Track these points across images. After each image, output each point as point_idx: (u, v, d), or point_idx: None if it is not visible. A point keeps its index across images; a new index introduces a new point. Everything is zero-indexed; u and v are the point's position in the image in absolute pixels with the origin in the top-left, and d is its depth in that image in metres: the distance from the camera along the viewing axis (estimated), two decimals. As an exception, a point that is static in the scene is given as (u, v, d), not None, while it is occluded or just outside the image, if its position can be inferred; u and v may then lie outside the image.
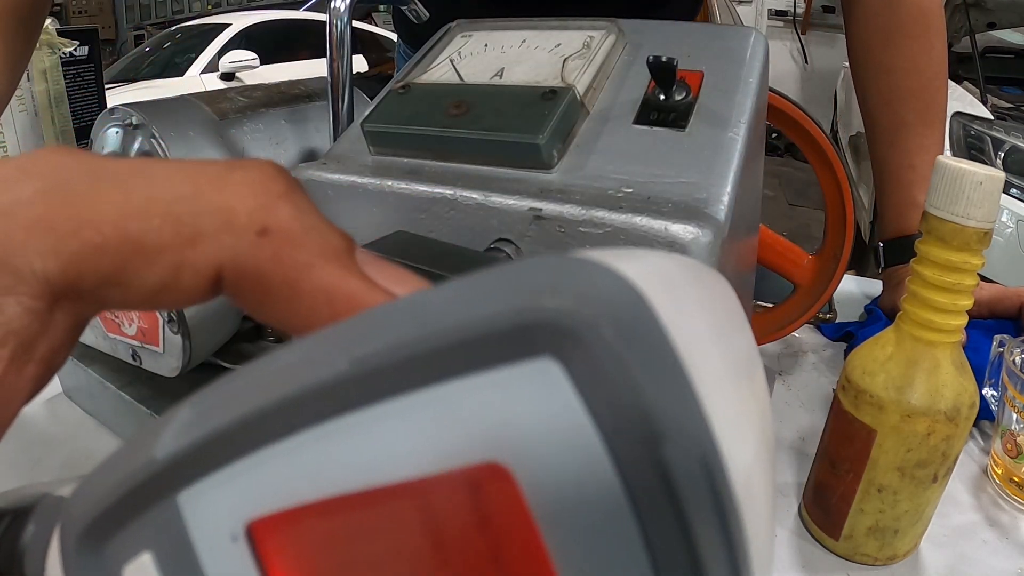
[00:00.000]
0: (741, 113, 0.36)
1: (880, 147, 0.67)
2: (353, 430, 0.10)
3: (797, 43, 4.59)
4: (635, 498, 0.09)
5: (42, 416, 0.52)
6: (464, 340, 0.10)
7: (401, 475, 0.10)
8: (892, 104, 0.66)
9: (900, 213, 0.65)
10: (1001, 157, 1.95)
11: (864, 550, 0.39)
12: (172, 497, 0.11)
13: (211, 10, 7.15)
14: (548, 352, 0.09)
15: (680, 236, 0.30)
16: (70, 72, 0.72)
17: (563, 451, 0.09)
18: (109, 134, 0.51)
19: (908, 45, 0.64)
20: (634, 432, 0.09)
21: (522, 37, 0.41)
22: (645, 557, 0.09)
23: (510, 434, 0.09)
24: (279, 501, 0.10)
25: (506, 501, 0.09)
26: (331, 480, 0.10)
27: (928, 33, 0.64)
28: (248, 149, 0.52)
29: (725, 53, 0.39)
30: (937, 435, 0.35)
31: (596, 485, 0.09)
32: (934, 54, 0.64)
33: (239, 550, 0.10)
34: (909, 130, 0.65)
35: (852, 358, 0.38)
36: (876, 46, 0.66)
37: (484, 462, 0.09)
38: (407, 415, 0.10)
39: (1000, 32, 2.80)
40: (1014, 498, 0.45)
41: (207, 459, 0.11)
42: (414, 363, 0.10)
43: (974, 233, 0.32)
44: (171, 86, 3.41)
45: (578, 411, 0.09)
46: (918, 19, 0.64)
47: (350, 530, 0.10)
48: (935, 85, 0.65)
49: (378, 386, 0.10)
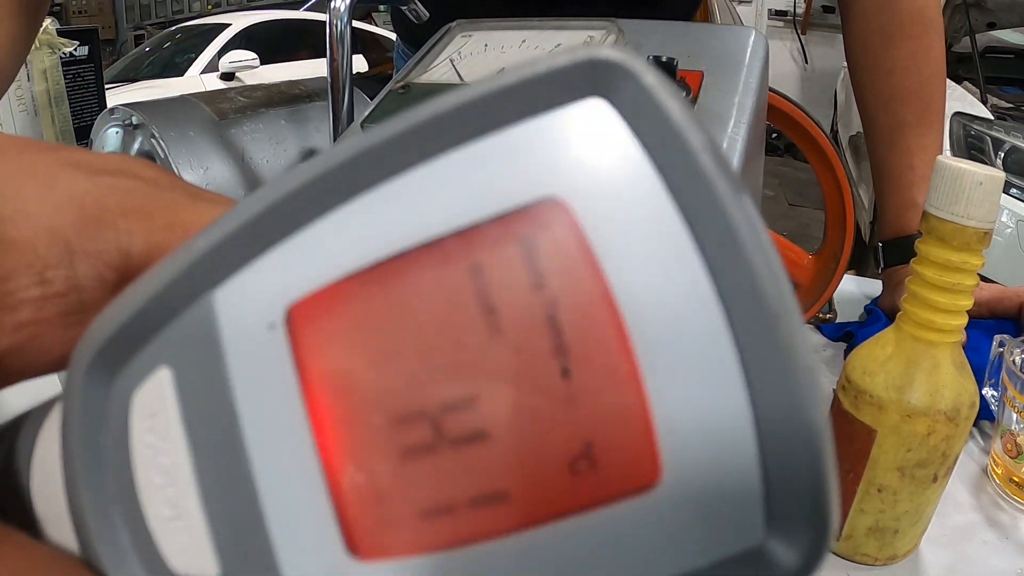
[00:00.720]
0: (741, 113, 0.36)
1: (879, 148, 0.67)
2: (412, 186, 0.10)
3: (797, 43, 4.59)
4: (683, 205, 0.10)
5: (42, 416, 0.52)
6: (518, 85, 0.10)
7: (459, 223, 0.10)
8: (891, 104, 0.65)
9: (899, 214, 0.65)
10: (1001, 157, 1.95)
11: (864, 550, 0.39)
12: (206, 296, 0.11)
13: (211, 10, 7.15)
14: (597, 92, 0.10)
15: (680, 236, 0.30)
16: (70, 72, 0.72)
17: (615, 178, 0.10)
18: (109, 134, 0.51)
19: (906, 45, 0.64)
20: (676, 149, 0.10)
21: (522, 37, 0.41)
22: (700, 264, 0.10)
23: (567, 167, 0.10)
24: (326, 275, 0.10)
25: (565, 235, 0.10)
26: (385, 240, 0.10)
27: (927, 33, 0.64)
28: (248, 149, 0.52)
29: (725, 53, 0.39)
30: (937, 435, 0.35)
31: (645, 200, 0.10)
32: (932, 54, 0.64)
33: (274, 341, 0.10)
34: (908, 130, 0.65)
35: (852, 358, 0.38)
36: (874, 46, 0.65)
37: (542, 198, 0.10)
38: (466, 165, 0.10)
39: (1000, 32, 2.80)
40: (1014, 498, 0.45)
41: (252, 243, 0.11)
42: (473, 110, 0.10)
43: (974, 233, 0.32)
44: (171, 86, 3.40)
45: (628, 140, 0.10)
46: (916, 19, 0.63)
47: (395, 300, 0.10)
48: (934, 85, 0.65)
49: (438, 135, 0.10)
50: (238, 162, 0.51)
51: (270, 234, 0.11)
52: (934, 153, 0.65)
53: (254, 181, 0.52)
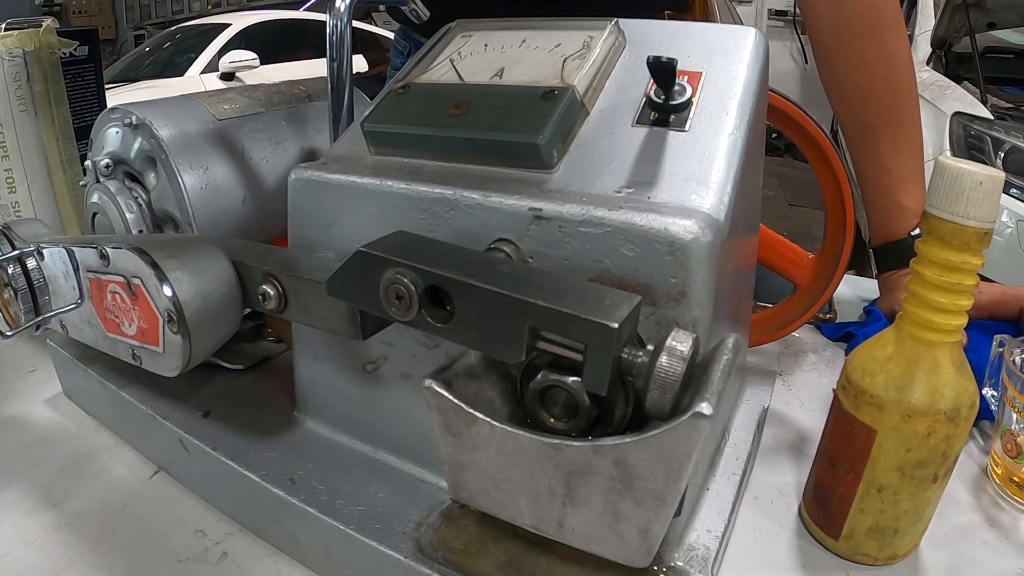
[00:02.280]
0: (741, 113, 0.36)
1: (853, 152, 0.65)
2: None
3: (797, 43, 4.59)
4: None
5: (42, 416, 0.52)
6: None
7: None
8: (853, 107, 0.63)
9: (884, 219, 0.64)
10: (1001, 157, 1.95)
11: (864, 550, 0.39)
12: None
13: (211, 10, 7.15)
14: None
15: (680, 236, 0.30)
16: (70, 72, 0.72)
17: None
18: (109, 134, 0.51)
19: (857, 43, 0.61)
20: None
21: (522, 37, 0.41)
22: None
23: None
24: None
25: None
26: None
27: (877, 28, 0.60)
28: (248, 149, 0.52)
29: (725, 53, 0.39)
30: (937, 435, 0.35)
31: None
32: (887, 50, 0.61)
33: None
34: (875, 132, 0.62)
35: (852, 358, 0.38)
36: (827, 47, 0.63)
37: None
38: None
39: (1000, 32, 2.79)
40: (1014, 498, 0.45)
41: None
42: None
43: (974, 233, 0.32)
44: (171, 86, 3.40)
45: None
46: (864, 14, 0.60)
47: None
48: (894, 81, 0.61)
49: None
50: (238, 162, 0.51)
51: None
52: (910, 152, 0.62)
53: (254, 181, 0.52)
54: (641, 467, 0.27)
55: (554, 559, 0.34)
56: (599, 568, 0.34)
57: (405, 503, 0.38)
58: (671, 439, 0.26)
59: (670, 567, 0.35)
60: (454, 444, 0.30)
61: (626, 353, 0.27)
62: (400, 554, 0.35)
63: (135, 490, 0.45)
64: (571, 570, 0.34)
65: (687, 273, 0.31)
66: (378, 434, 0.42)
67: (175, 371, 0.45)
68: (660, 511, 0.28)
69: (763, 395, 0.52)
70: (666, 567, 0.35)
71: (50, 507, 0.43)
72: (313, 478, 0.40)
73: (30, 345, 0.60)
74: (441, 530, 0.36)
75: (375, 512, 0.37)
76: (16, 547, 0.40)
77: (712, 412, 0.25)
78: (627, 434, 0.27)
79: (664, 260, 0.31)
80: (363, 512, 0.37)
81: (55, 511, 0.42)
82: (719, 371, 0.27)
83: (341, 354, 0.42)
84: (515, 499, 0.31)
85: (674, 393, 0.26)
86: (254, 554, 0.40)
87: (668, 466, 0.26)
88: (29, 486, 0.44)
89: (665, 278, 0.31)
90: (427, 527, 0.36)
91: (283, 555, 0.40)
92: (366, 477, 0.40)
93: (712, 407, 0.25)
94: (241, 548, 0.40)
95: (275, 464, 0.41)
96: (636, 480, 0.27)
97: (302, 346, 0.44)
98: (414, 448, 0.41)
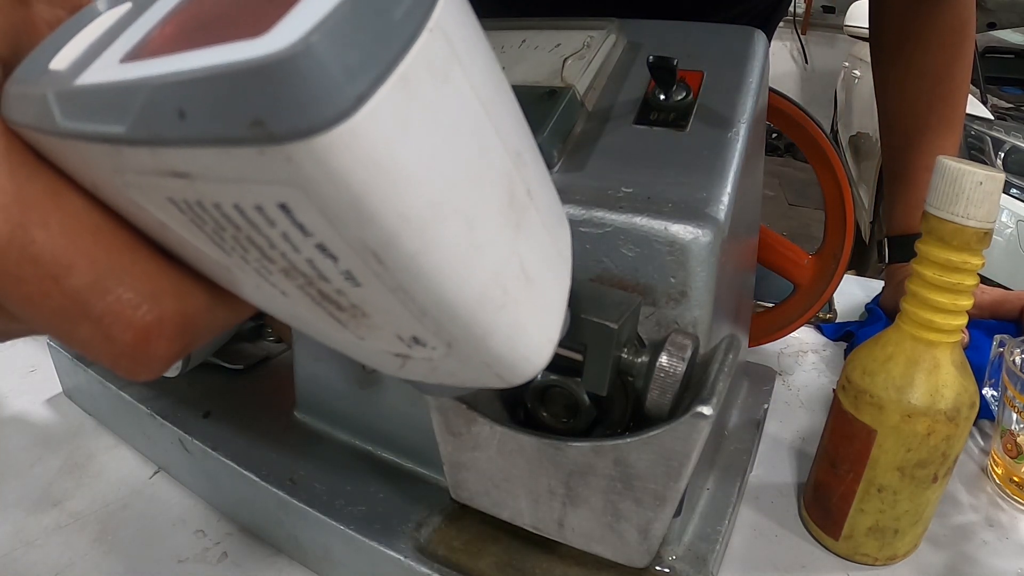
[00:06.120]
0: (741, 113, 0.36)
1: (897, 146, 0.67)
2: None
3: (797, 43, 4.59)
4: None
5: (42, 416, 0.52)
6: None
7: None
8: (917, 107, 0.66)
9: (910, 212, 0.66)
10: (1001, 157, 1.95)
11: (864, 550, 0.39)
12: None
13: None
14: None
15: (680, 236, 0.30)
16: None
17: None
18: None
19: (944, 52, 0.64)
20: None
21: (522, 37, 0.41)
22: None
23: None
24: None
25: None
26: None
27: (964, 43, 0.64)
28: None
29: (725, 53, 0.39)
30: (937, 435, 0.35)
31: None
32: (965, 63, 0.65)
33: None
34: (931, 134, 0.65)
35: (852, 358, 0.38)
36: (911, 48, 0.65)
37: None
38: None
39: (1000, 32, 2.80)
40: (1014, 498, 0.45)
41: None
42: None
43: (974, 233, 0.32)
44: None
45: None
46: (957, 29, 0.64)
47: None
48: (961, 93, 0.65)
49: None
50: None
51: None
52: (952, 152, 0.65)
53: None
54: (641, 467, 0.27)
55: (554, 559, 0.34)
56: (599, 568, 0.34)
57: (405, 503, 0.38)
58: (671, 439, 0.26)
59: (670, 567, 0.35)
60: (454, 444, 0.30)
61: (626, 353, 0.27)
62: (400, 554, 0.35)
63: (135, 490, 0.45)
64: (571, 570, 0.34)
65: (687, 273, 0.31)
66: (378, 434, 0.42)
67: (175, 371, 0.45)
68: (660, 511, 0.28)
69: (763, 395, 0.52)
70: (666, 567, 0.35)
71: (50, 507, 0.43)
72: (313, 478, 0.40)
73: (30, 345, 0.60)
74: (441, 530, 0.36)
75: (375, 512, 0.38)
76: (16, 547, 0.40)
77: (712, 412, 0.25)
78: (627, 434, 0.27)
79: (664, 260, 0.31)
80: (363, 512, 0.37)
81: (55, 511, 0.42)
82: (719, 371, 0.27)
83: (341, 354, 0.42)
84: (515, 499, 0.31)
85: (674, 393, 0.26)
86: (254, 554, 0.40)
87: (668, 466, 0.26)
88: (29, 486, 0.44)
89: (665, 278, 0.31)
90: (427, 527, 0.36)
91: (283, 555, 0.40)
92: (366, 477, 0.40)
93: (712, 407, 0.25)
94: (241, 548, 0.40)
95: (275, 464, 0.41)
96: (636, 480, 0.27)
97: (302, 346, 0.44)
98: (414, 448, 0.41)
